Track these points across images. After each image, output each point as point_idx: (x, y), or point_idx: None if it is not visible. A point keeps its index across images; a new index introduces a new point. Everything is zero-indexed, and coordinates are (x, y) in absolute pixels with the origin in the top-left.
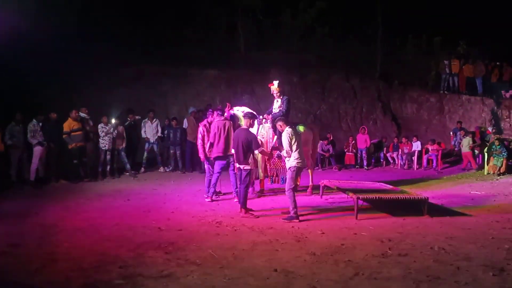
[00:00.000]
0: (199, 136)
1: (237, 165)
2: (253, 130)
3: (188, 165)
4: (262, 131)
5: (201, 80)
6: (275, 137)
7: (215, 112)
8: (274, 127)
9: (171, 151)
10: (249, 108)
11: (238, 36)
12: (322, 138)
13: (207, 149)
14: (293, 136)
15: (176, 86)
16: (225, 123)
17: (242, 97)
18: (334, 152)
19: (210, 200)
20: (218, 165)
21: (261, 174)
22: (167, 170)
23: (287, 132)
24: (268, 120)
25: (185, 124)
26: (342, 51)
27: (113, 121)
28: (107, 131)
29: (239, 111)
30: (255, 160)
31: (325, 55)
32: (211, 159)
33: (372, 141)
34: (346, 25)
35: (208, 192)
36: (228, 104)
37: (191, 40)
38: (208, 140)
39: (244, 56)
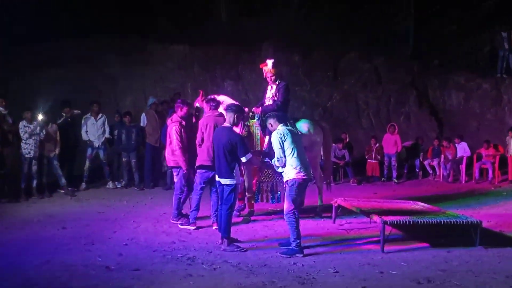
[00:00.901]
0: (175, 137)
1: (217, 178)
2: (237, 129)
3: (147, 179)
4: (249, 129)
5: (165, 60)
6: (267, 138)
7: (207, 104)
8: (263, 125)
9: (123, 159)
10: (233, 98)
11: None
12: (334, 141)
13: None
14: (287, 137)
15: (130, 68)
16: (216, 120)
17: (224, 83)
18: (351, 159)
19: (188, 225)
20: (201, 177)
21: (249, 189)
22: (118, 185)
23: (277, 133)
24: (256, 115)
25: (143, 121)
26: (361, 20)
27: (41, 117)
28: (32, 131)
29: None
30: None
31: (338, 24)
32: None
33: (404, 144)
34: None
35: (177, 215)
36: (201, 92)
37: (150, 3)
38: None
39: (226, 26)
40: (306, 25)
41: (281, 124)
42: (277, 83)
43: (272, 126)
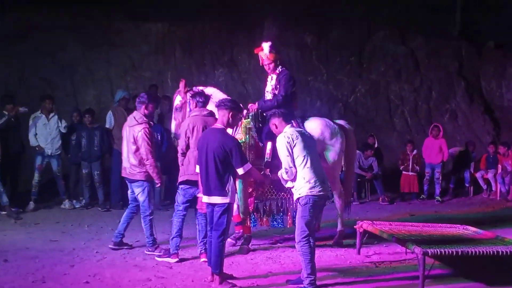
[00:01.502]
0: (146, 143)
1: (202, 196)
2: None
3: (115, 196)
4: (241, 133)
5: (138, 42)
6: (270, 146)
7: (192, 100)
8: (259, 128)
9: (83, 171)
10: (226, 92)
11: None
12: (359, 146)
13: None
14: (297, 142)
15: (92, 52)
16: (206, 120)
17: (214, 72)
18: (380, 170)
19: (167, 257)
20: (184, 195)
21: (245, 210)
22: (77, 205)
23: (284, 136)
24: (250, 114)
25: (109, 121)
26: None
27: None
28: None
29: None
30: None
31: None
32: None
33: (450, 151)
34: None
35: (153, 243)
36: (183, 82)
37: None
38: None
39: None
40: None
41: (288, 125)
42: (277, 71)
43: (276, 127)
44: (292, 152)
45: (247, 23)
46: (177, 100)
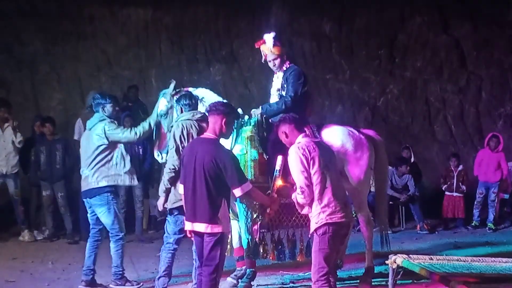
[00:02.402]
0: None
1: (190, 224)
2: (226, 142)
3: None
4: (242, 143)
5: (115, 32)
6: (280, 160)
7: (177, 103)
8: (263, 138)
9: (44, 193)
10: (223, 95)
11: None
12: (391, 162)
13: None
14: (315, 156)
15: (57, 46)
16: (202, 127)
17: (209, 69)
18: (418, 191)
19: None
20: (175, 223)
21: (243, 240)
22: (39, 237)
23: (298, 148)
24: (251, 119)
25: (78, 131)
26: None
27: None
28: None
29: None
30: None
31: None
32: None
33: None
34: None
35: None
36: (173, 83)
37: None
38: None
39: None
40: None
41: (302, 134)
42: (284, 68)
43: (287, 136)
44: (309, 169)
45: (250, 7)
46: (162, 104)
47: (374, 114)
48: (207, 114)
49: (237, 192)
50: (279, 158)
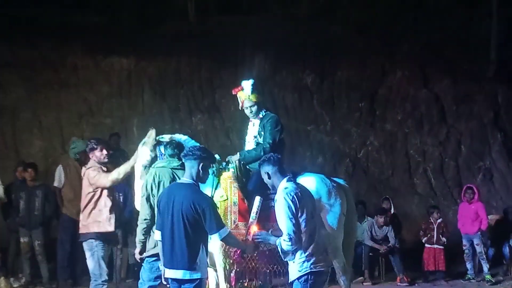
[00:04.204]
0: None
1: (168, 271)
2: (206, 187)
3: (62, 272)
4: (222, 189)
5: (98, 80)
6: (258, 202)
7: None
8: (243, 184)
9: (22, 240)
10: (203, 145)
11: None
12: (372, 212)
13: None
14: (303, 204)
15: (40, 94)
16: (176, 175)
17: (191, 118)
18: (398, 242)
19: None
20: (151, 270)
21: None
22: (15, 284)
23: (287, 194)
24: (231, 165)
25: (59, 178)
26: (415, 19)
27: None
28: None
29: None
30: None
31: (375, 24)
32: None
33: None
34: None
35: None
36: (153, 131)
37: None
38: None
39: (194, 28)
40: (324, 25)
41: (286, 178)
42: (260, 116)
43: (270, 178)
44: (296, 215)
45: (232, 58)
46: (146, 154)
47: (355, 165)
48: (183, 159)
49: (215, 237)
50: (257, 199)
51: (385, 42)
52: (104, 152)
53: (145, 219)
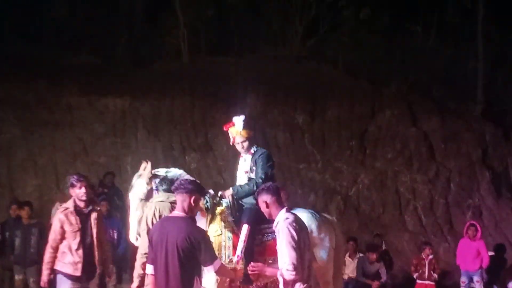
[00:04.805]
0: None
1: None
2: (201, 222)
3: None
4: (216, 224)
5: (91, 121)
6: (245, 230)
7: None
8: (237, 218)
9: (16, 277)
10: (194, 175)
11: (177, 27)
12: (364, 248)
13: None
14: (304, 235)
15: (35, 132)
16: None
17: (184, 157)
18: (389, 278)
19: None
20: None
21: None
22: None
23: (289, 224)
24: (225, 200)
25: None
26: (403, 57)
27: None
28: None
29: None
30: None
31: (364, 64)
32: None
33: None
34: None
35: None
36: (148, 163)
37: (71, 36)
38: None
39: (188, 68)
40: (314, 66)
41: (285, 209)
42: (252, 151)
43: (267, 207)
44: (299, 244)
45: (225, 99)
46: (142, 187)
47: (346, 203)
48: (174, 193)
49: (210, 269)
50: (244, 227)
51: (374, 82)
52: (83, 190)
53: (144, 253)
